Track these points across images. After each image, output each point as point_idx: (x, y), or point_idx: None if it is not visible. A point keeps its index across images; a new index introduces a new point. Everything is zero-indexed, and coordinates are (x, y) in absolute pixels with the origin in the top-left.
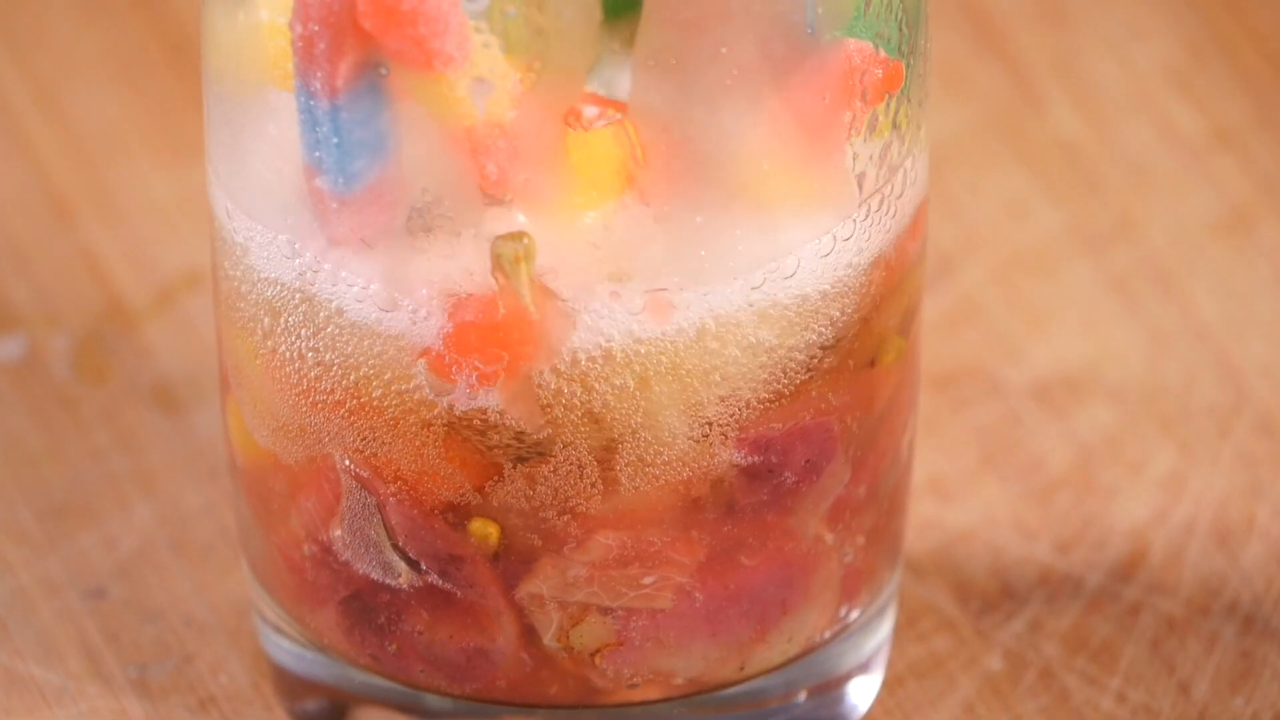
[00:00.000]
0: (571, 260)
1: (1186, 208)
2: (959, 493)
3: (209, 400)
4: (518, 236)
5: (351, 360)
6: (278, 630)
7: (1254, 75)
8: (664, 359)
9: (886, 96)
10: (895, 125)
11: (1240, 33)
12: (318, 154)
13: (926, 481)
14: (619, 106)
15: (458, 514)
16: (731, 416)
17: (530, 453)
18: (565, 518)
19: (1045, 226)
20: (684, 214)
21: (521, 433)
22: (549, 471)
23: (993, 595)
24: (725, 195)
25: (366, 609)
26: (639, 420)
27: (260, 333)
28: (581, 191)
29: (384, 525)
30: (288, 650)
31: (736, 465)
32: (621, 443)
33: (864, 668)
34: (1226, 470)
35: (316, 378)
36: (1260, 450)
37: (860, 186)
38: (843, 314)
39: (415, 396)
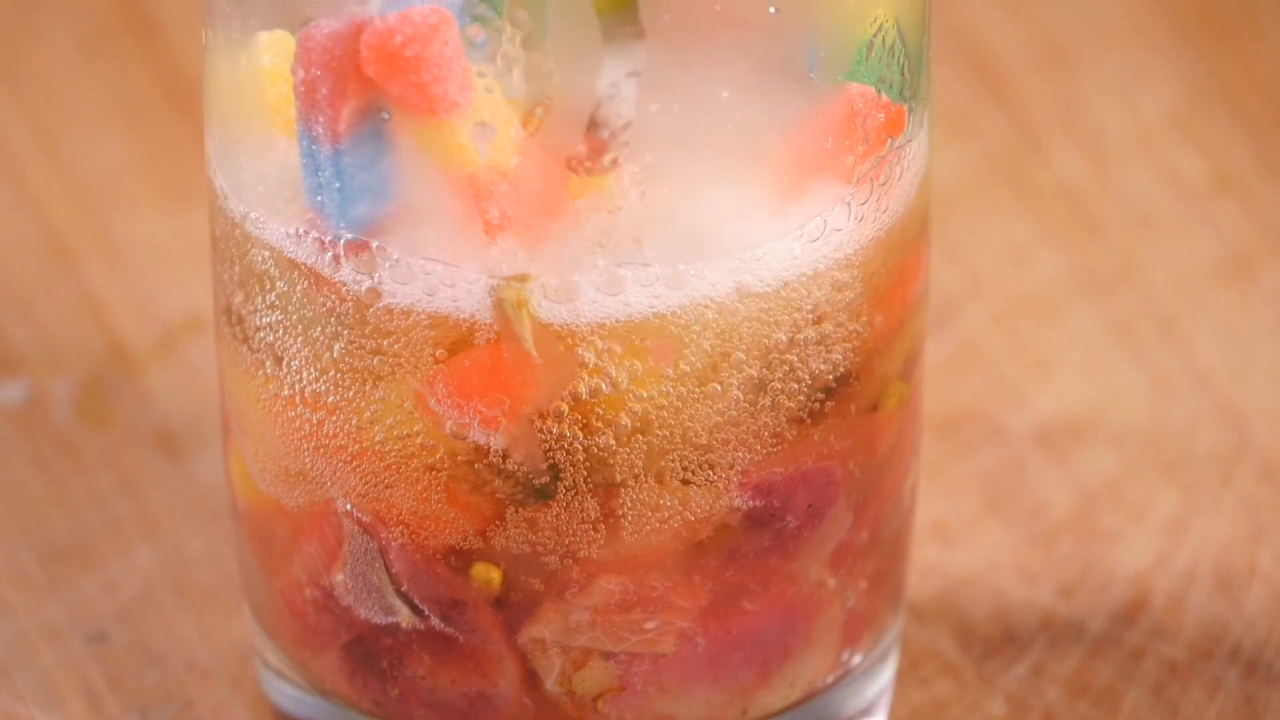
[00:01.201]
0: (573, 304)
1: (1188, 252)
2: (961, 537)
3: (211, 444)
4: (520, 280)
5: (354, 404)
6: (280, 675)
7: (1256, 120)
8: (667, 401)
9: (888, 140)
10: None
11: (1242, 78)
12: (320, 199)
13: (929, 526)
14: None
15: (460, 558)
16: (734, 460)
17: (532, 496)
18: (567, 562)
19: (1047, 271)
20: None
21: (524, 476)
22: (551, 515)
23: (995, 640)
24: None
25: (369, 654)
26: (641, 463)
27: (262, 377)
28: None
29: (386, 570)
30: (290, 695)
31: (739, 509)
32: (624, 486)
33: (866, 712)
34: (1229, 515)
35: (319, 422)
36: (1263, 496)
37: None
38: (844, 358)
39: (417, 441)
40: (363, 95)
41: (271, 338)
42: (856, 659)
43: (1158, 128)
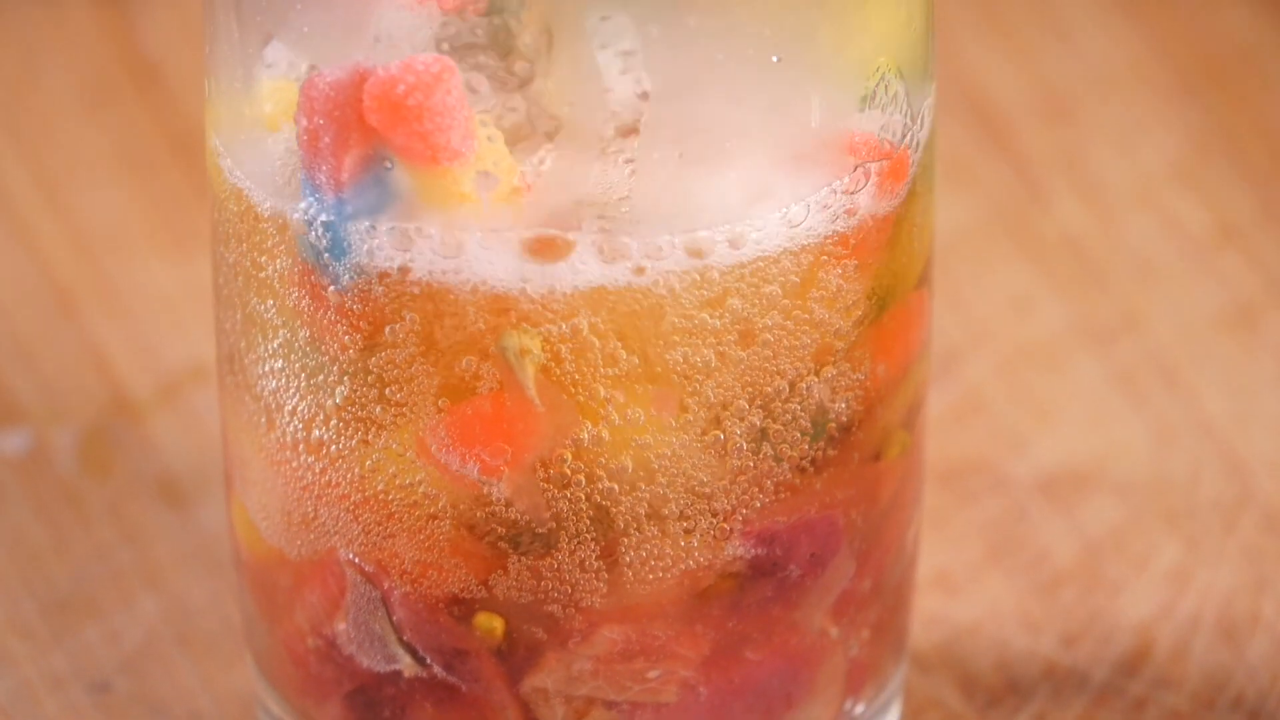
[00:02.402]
0: (575, 352)
1: (1192, 302)
2: (964, 586)
3: (214, 494)
4: (522, 330)
5: (356, 453)
6: None
7: (1259, 170)
8: (669, 449)
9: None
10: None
11: (1244, 128)
12: (320, 247)
13: (932, 575)
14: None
15: (463, 607)
16: (737, 508)
17: (535, 545)
18: (570, 611)
19: (1050, 321)
20: (691, 294)
21: (526, 525)
22: (554, 564)
23: (998, 689)
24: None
25: (371, 703)
26: (644, 511)
27: (264, 425)
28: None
29: (389, 619)
30: None
31: (741, 558)
32: (626, 534)
33: None
34: (1232, 565)
35: (321, 471)
36: (1266, 545)
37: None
38: (847, 406)
39: (420, 489)
40: (365, 144)
41: (273, 386)
42: (859, 708)
43: (1160, 178)
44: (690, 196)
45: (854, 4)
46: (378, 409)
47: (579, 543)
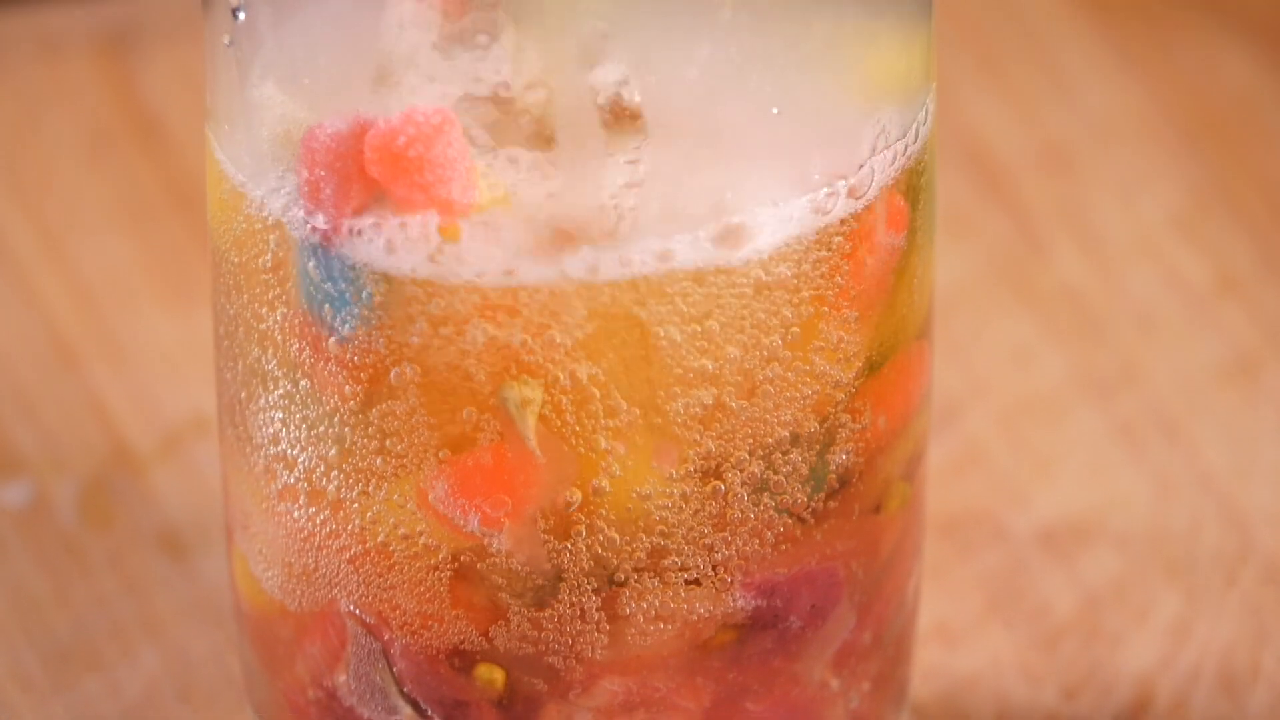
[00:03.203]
0: (576, 403)
1: (1192, 354)
2: (965, 638)
3: (215, 545)
4: (523, 380)
5: (356, 505)
6: None
7: (1259, 222)
8: (670, 500)
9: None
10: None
11: (1244, 180)
12: (320, 299)
13: (932, 627)
14: None
15: (463, 659)
16: (738, 560)
17: (536, 596)
18: (570, 662)
19: (1050, 372)
20: (691, 345)
21: (527, 576)
22: (554, 616)
23: None
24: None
25: None
26: (645, 562)
27: (265, 477)
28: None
29: (390, 670)
30: None
31: (742, 609)
32: (627, 586)
33: None
34: (1232, 617)
35: (321, 522)
36: (1266, 597)
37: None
38: (847, 458)
39: (420, 541)
40: (366, 195)
41: (274, 437)
42: None
43: (1160, 229)
44: (691, 249)
45: (853, 57)
46: (378, 460)
47: (580, 594)
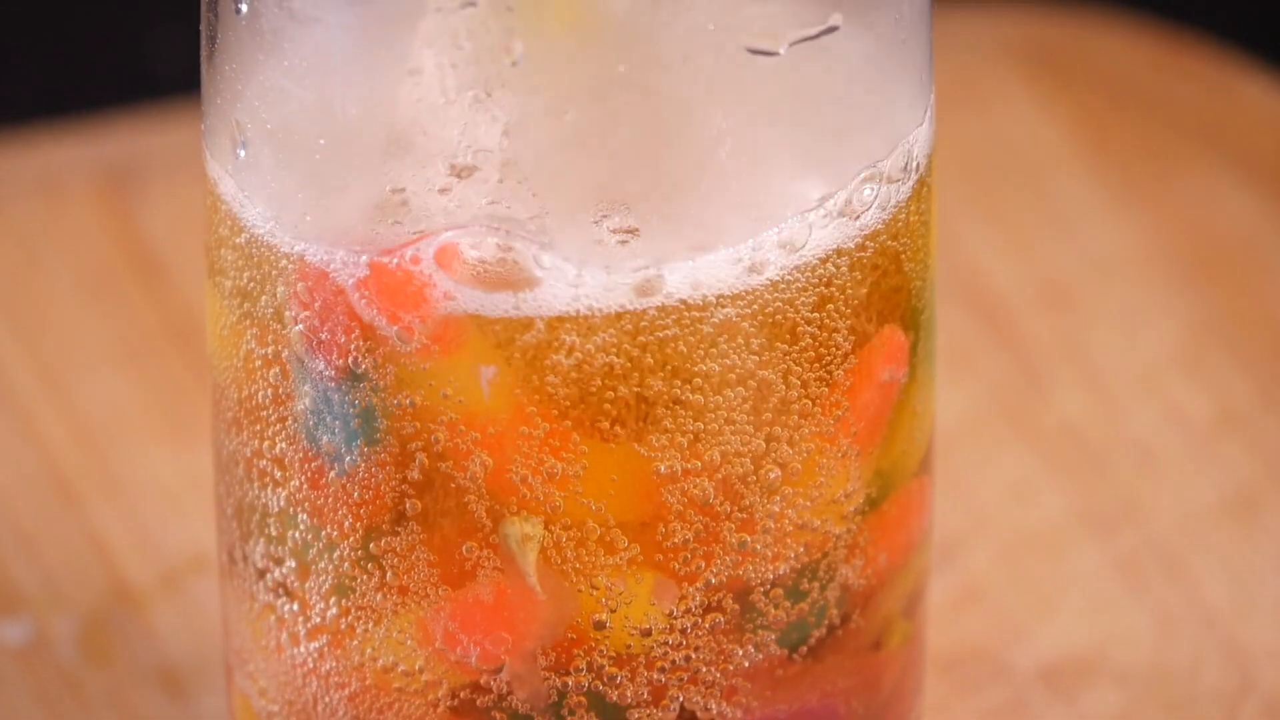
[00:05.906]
0: (577, 540)
1: (1192, 490)
2: None
3: (214, 683)
4: (525, 518)
5: (357, 641)
6: None
7: (1260, 357)
8: (670, 637)
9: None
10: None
11: (1244, 315)
12: (320, 434)
13: None
14: None
15: None
16: (738, 696)
17: None
18: None
19: (1051, 509)
20: (689, 484)
21: (527, 713)
22: None
23: None
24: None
25: None
26: (646, 698)
27: (264, 614)
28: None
29: None
30: None
31: None
32: None
33: None
34: None
35: (321, 659)
36: None
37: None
38: (847, 595)
39: (421, 677)
40: (362, 336)
41: (273, 573)
42: None
43: (1160, 365)
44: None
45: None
46: (378, 596)
47: None
